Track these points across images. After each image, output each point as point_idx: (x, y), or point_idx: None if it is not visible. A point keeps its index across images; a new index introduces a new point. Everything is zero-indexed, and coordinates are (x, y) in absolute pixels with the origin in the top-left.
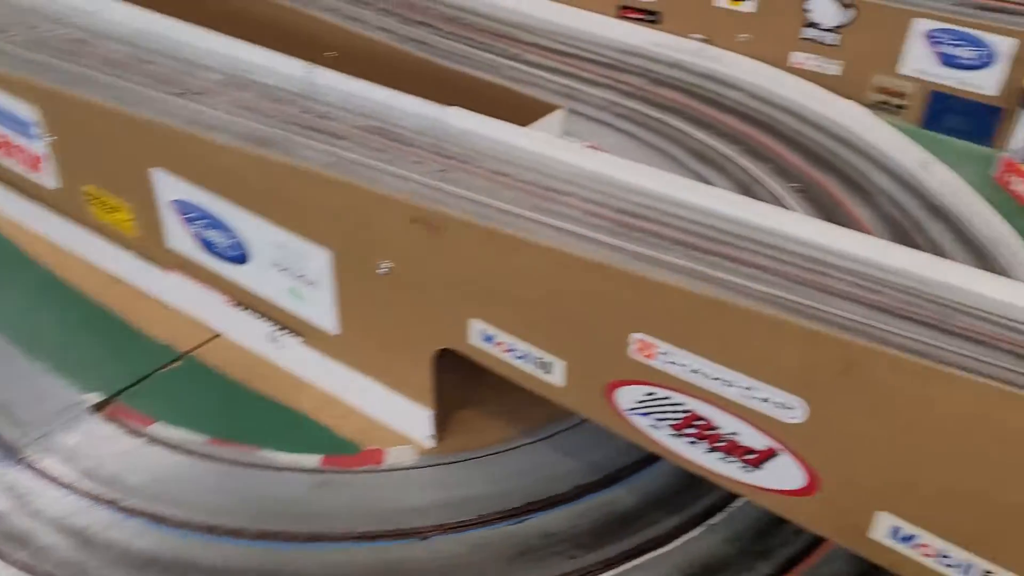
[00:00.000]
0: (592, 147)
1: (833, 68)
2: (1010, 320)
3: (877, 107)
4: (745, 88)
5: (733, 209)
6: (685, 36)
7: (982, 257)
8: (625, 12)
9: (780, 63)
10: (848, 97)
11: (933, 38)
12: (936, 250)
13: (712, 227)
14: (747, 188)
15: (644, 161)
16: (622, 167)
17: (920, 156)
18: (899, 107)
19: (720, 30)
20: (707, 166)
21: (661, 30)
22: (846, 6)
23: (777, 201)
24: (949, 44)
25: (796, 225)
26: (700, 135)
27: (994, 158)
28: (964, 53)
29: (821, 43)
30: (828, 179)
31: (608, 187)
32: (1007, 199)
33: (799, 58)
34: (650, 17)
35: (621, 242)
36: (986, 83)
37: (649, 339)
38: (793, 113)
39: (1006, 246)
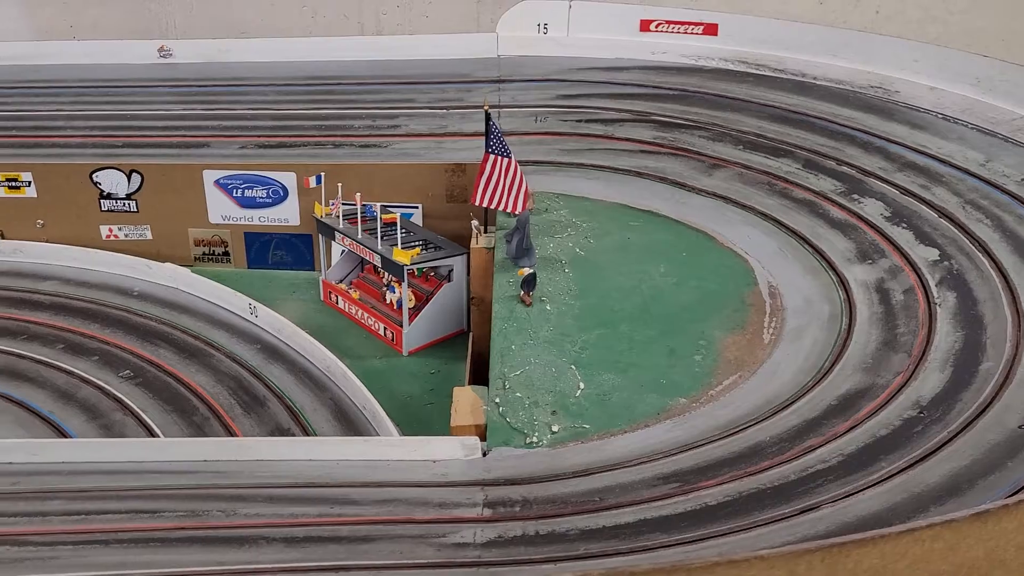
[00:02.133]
0: None
1: (145, 233)
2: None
3: (204, 260)
4: (57, 276)
5: None
6: None
7: (322, 388)
8: None
9: (93, 240)
10: (169, 258)
11: (225, 185)
12: (277, 394)
13: None
14: (69, 394)
15: None
16: None
17: (246, 301)
18: (225, 254)
19: (11, 221)
20: (19, 382)
21: None
22: (129, 173)
23: (107, 398)
24: (241, 187)
25: None
26: (7, 346)
27: (319, 282)
28: (257, 193)
29: (125, 211)
30: (161, 353)
31: None
32: (338, 317)
33: (109, 231)
34: None
35: None
36: (289, 215)
37: None
38: (114, 289)
39: (342, 375)
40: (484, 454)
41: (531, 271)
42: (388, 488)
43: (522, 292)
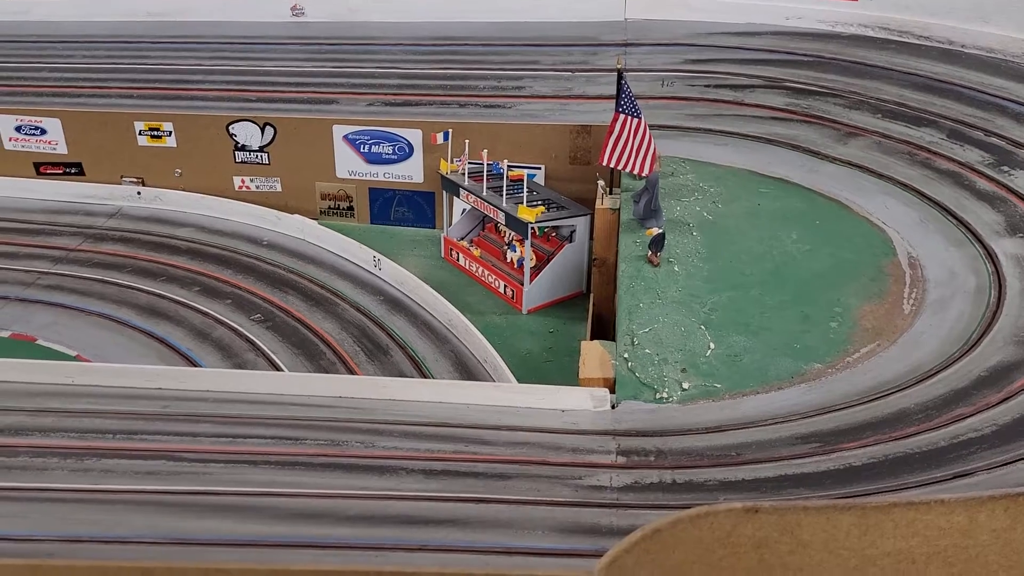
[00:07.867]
0: None
1: (275, 185)
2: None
3: (329, 214)
4: (193, 223)
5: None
6: (118, 182)
7: (444, 340)
8: (44, 169)
9: (225, 190)
10: (296, 211)
11: (354, 141)
12: (400, 343)
13: None
14: (205, 333)
15: (81, 336)
16: None
17: (370, 254)
18: (349, 209)
19: (151, 170)
20: (159, 320)
21: (88, 181)
22: (263, 126)
23: (239, 339)
24: (369, 143)
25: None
26: (148, 287)
27: (440, 239)
28: (384, 149)
29: (257, 164)
30: (290, 300)
31: None
32: (457, 274)
33: (241, 181)
34: (72, 169)
35: None
36: (413, 172)
37: None
38: (245, 238)
39: (463, 328)
40: (613, 407)
41: (660, 231)
42: (519, 432)
43: (650, 252)
